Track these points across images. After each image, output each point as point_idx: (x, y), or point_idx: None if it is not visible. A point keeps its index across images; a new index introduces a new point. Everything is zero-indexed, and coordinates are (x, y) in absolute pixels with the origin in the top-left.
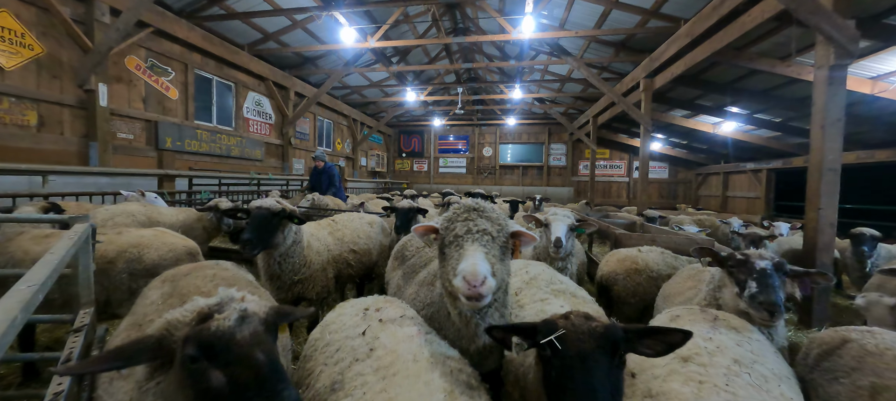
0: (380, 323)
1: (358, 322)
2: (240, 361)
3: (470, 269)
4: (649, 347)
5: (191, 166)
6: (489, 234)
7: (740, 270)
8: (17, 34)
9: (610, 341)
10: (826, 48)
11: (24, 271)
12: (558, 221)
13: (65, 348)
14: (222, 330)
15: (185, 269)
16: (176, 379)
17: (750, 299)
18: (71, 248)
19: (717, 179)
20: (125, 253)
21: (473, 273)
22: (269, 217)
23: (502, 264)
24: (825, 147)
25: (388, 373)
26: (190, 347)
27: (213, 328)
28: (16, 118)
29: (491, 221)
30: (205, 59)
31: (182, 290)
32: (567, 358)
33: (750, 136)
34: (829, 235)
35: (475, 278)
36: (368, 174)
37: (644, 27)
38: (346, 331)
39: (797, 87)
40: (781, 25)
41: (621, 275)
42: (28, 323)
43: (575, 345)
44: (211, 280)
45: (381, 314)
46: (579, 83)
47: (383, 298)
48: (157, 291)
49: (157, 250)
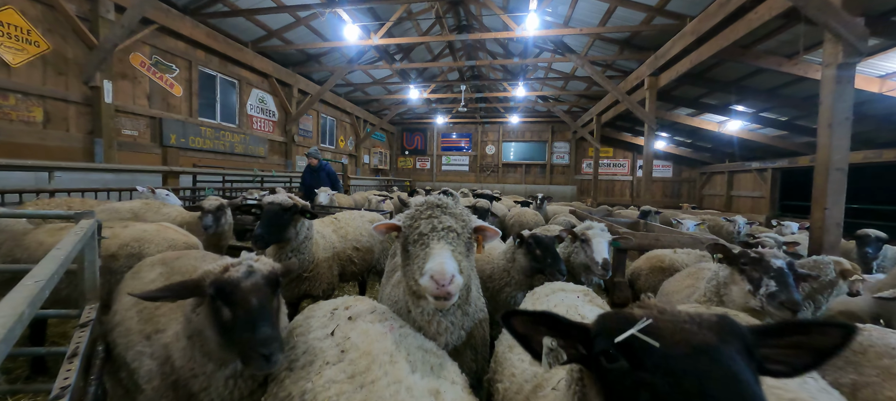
0: (349, 321)
1: (326, 323)
2: (239, 302)
3: (438, 268)
4: (784, 360)
5: (195, 163)
6: (454, 231)
7: (755, 268)
8: (23, 31)
9: (735, 335)
10: (834, 46)
11: (31, 267)
12: (600, 238)
13: (71, 342)
14: (233, 278)
15: (172, 255)
16: (205, 311)
17: (769, 298)
18: (77, 243)
19: (722, 178)
20: (127, 246)
21: (442, 272)
22: (280, 212)
23: (467, 261)
24: (832, 146)
25: (366, 380)
26: (211, 288)
27: (226, 276)
28: (22, 114)
29: (455, 217)
30: (209, 56)
31: (181, 269)
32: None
33: (755, 134)
34: (835, 236)
35: (444, 278)
36: (371, 172)
37: (649, 25)
38: (314, 332)
39: (804, 85)
40: (789, 23)
41: (645, 270)
42: (38, 318)
43: (686, 337)
44: (202, 260)
45: (349, 312)
46: (583, 81)
47: (353, 298)
48: (154, 271)
49: (158, 246)
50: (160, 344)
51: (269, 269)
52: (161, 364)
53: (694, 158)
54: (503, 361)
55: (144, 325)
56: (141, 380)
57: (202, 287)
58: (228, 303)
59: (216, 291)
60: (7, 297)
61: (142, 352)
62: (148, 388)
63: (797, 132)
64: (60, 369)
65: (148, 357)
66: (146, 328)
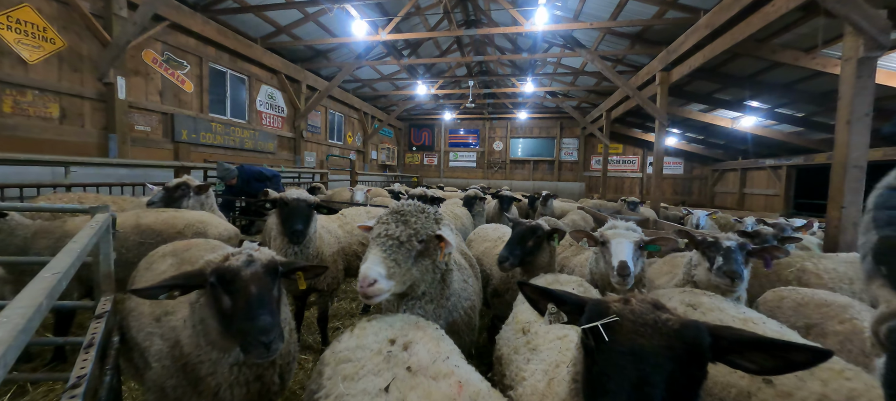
0: (408, 373)
1: (379, 364)
2: (239, 290)
3: (362, 271)
4: (754, 361)
5: (206, 159)
6: (396, 238)
7: (711, 249)
8: (39, 28)
9: (686, 344)
10: (855, 39)
11: (49, 259)
12: (621, 239)
13: (87, 333)
14: (233, 266)
15: (183, 245)
16: (206, 299)
17: (716, 271)
18: (93, 237)
19: (735, 176)
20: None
21: (363, 276)
22: (308, 208)
23: (415, 266)
24: (851, 143)
25: None
26: (212, 276)
27: (227, 265)
28: (39, 111)
29: (407, 225)
30: (219, 52)
31: (191, 259)
32: (615, 354)
33: (770, 131)
34: (852, 235)
35: (364, 281)
36: (379, 168)
37: (661, 18)
38: (364, 377)
39: (822, 80)
40: (807, 15)
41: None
42: (61, 310)
43: (630, 339)
44: (212, 250)
45: (410, 357)
46: (593, 76)
47: (413, 323)
48: (165, 262)
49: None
50: (169, 327)
51: (268, 258)
52: (171, 347)
53: (706, 154)
54: (509, 363)
55: (154, 307)
56: (151, 358)
57: (203, 276)
58: (229, 291)
59: (217, 280)
60: (26, 289)
61: (152, 333)
62: (158, 366)
63: (814, 129)
64: (77, 358)
65: (158, 337)
66: (156, 311)
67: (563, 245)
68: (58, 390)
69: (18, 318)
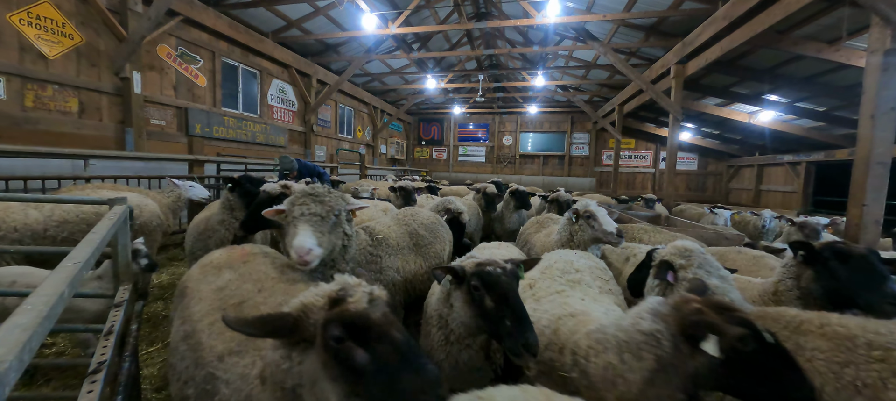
0: None
1: None
2: (380, 339)
3: (298, 243)
4: None
5: (219, 152)
6: (318, 215)
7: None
8: (58, 24)
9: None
10: (882, 31)
11: (70, 249)
12: (603, 209)
13: (107, 321)
14: (360, 311)
15: (237, 256)
16: (319, 359)
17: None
18: (111, 228)
19: (751, 172)
20: None
21: (300, 247)
22: None
23: (334, 233)
24: (874, 138)
25: None
26: (334, 328)
27: (353, 310)
28: (59, 105)
29: (322, 204)
30: (231, 46)
31: (253, 276)
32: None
33: (789, 126)
34: (873, 233)
35: (302, 251)
36: (388, 162)
37: (678, 9)
38: None
39: (845, 73)
40: (831, 6)
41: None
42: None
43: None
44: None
45: None
46: (605, 69)
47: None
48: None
49: None
50: (237, 374)
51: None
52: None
53: (721, 150)
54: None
55: (215, 340)
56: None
57: (304, 327)
58: (363, 343)
59: (344, 331)
60: (49, 278)
61: (215, 376)
62: None
63: (836, 124)
64: (97, 345)
65: (223, 384)
66: (217, 346)
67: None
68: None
69: (43, 305)
